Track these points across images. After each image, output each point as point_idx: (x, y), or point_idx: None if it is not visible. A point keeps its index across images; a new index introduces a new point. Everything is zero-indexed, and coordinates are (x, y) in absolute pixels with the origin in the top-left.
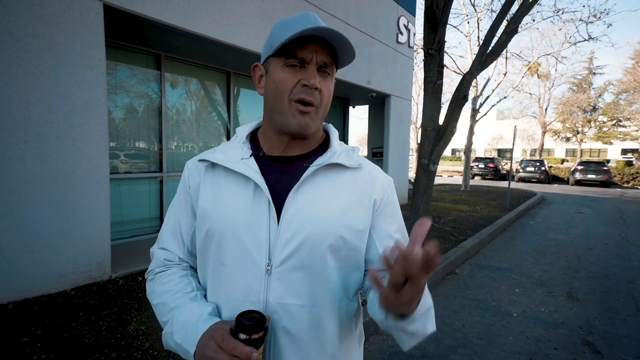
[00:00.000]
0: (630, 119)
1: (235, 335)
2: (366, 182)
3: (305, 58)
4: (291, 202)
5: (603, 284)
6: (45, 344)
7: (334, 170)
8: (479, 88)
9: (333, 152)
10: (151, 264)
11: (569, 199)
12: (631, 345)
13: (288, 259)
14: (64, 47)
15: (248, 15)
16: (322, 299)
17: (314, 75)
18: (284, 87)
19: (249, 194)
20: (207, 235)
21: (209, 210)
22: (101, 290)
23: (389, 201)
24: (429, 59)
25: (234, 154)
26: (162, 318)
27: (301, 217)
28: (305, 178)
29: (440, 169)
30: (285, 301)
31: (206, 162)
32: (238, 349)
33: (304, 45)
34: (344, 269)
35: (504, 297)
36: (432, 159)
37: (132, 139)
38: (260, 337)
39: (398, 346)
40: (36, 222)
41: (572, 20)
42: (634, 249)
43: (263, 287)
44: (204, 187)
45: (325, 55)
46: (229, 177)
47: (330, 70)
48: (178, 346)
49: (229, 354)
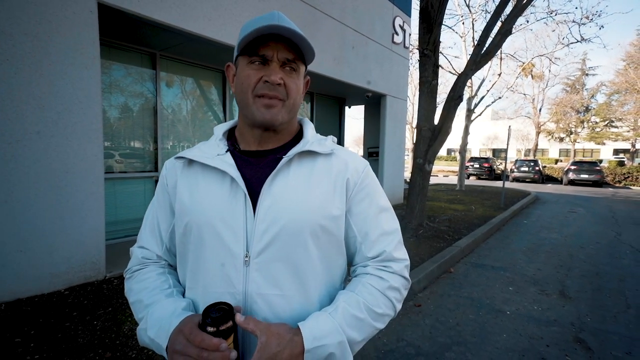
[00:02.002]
0: (622, 119)
1: (204, 328)
2: (339, 167)
3: (267, 55)
4: (266, 193)
5: (594, 282)
6: (38, 344)
7: (308, 159)
8: (473, 88)
9: (306, 142)
10: (130, 262)
11: (563, 199)
12: (621, 342)
13: (265, 249)
14: (57, 45)
15: (244, 14)
16: (302, 288)
17: (275, 72)
18: (248, 83)
19: (225, 188)
20: (185, 230)
21: (187, 205)
22: (95, 290)
23: (365, 184)
24: (424, 59)
25: (210, 150)
26: (138, 315)
27: (277, 207)
28: (279, 168)
29: (435, 169)
30: (264, 291)
31: (183, 160)
32: (206, 341)
33: (266, 43)
34: (325, 256)
35: (497, 295)
36: (427, 159)
37: (127, 138)
38: (228, 328)
39: (393, 344)
40: (29, 221)
41: (565, 21)
42: (625, 247)
43: (242, 278)
44: (181, 184)
45: (287, 52)
46: (206, 172)
47: (296, 65)
48: (152, 341)
49: (196, 346)
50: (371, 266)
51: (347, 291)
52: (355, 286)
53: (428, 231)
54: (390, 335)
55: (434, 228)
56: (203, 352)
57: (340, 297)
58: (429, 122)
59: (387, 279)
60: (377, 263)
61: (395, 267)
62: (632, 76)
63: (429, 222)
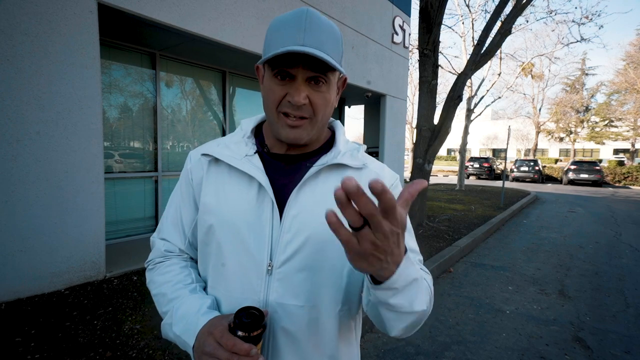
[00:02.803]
0: (621, 119)
1: (234, 332)
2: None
3: (292, 72)
4: (293, 203)
5: (594, 281)
6: (38, 343)
7: (338, 170)
8: (473, 88)
9: (337, 152)
10: (151, 253)
11: (562, 198)
12: (620, 341)
13: (289, 260)
14: (57, 45)
15: (244, 14)
16: (322, 300)
17: (298, 92)
18: (272, 99)
19: (252, 193)
20: (208, 231)
21: (212, 207)
22: (96, 289)
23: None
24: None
25: (238, 149)
26: (161, 308)
27: (303, 218)
28: (307, 178)
29: (435, 169)
30: (285, 301)
31: (210, 157)
32: (237, 345)
33: (290, 65)
34: (346, 270)
35: (497, 294)
36: (427, 159)
37: (127, 138)
38: (258, 334)
39: (393, 344)
40: (30, 221)
41: (565, 21)
42: (624, 247)
43: (263, 286)
44: (207, 181)
45: (310, 71)
46: (232, 174)
47: (325, 78)
48: (177, 337)
49: (228, 350)
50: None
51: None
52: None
53: (428, 231)
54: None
55: (433, 228)
56: (234, 357)
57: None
58: (429, 122)
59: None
60: None
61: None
62: (631, 76)
63: (429, 221)
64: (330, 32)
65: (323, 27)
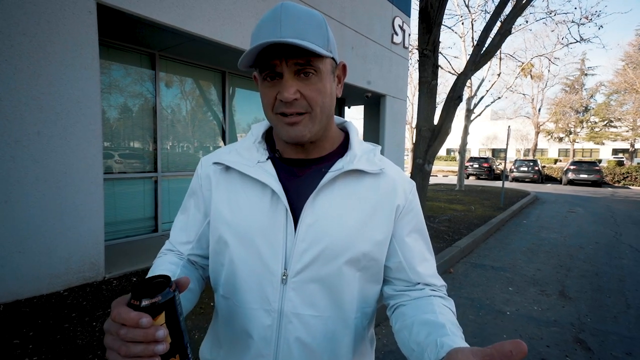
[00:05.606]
0: (621, 119)
1: (128, 303)
2: (388, 188)
3: (277, 68)
4: (309, 211)
5: (594, 282)
6: (37, 345)
7: (354, 177)
8: (473, 88)
9: (353, 156)
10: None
11: (562, 199)
12: (621, 342)
13: (304, 270)
14: (56, 45)
15: (243, 15)
16: (337, 311)
17: (286, 88)
18: (266, 102)
19: (266, 201)
20: (221, 240)
21: (225, 216)
22: (95, 291)
23: (411, 207)
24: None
25: (249, 156)
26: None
27: (318, 227)
28: (323, 185)
29: (435, 169)
30: (300, 311)
31: (221, 165)
32: (122, 314)
33: (272, 58)
34: (362, 280)
35: (497, 295)
36: (427, 159)
37: (126, 138)
38: (154, 303)
39: (393, 345)
40: (28, 222)
41: (565, 21)
42: (625, 247)
43: (278, 296)
44: (218, 189)
45: (297, 58)
46: (245, 181)
47: (314, 67)
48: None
49: (116, 322)
50: (424, 289)
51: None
52: (441, 309)
53: (428, 231)
54: (391, 336)
55: (433, 228)
56: (122, 329)
57: (448, 322)
58: (429, 122)
59: (449, 300)
60: (425, 286)
61: (444, 291)
62: (631, 76)
63: (429, 222)
64: (309, 18)
65: (300, 15)
